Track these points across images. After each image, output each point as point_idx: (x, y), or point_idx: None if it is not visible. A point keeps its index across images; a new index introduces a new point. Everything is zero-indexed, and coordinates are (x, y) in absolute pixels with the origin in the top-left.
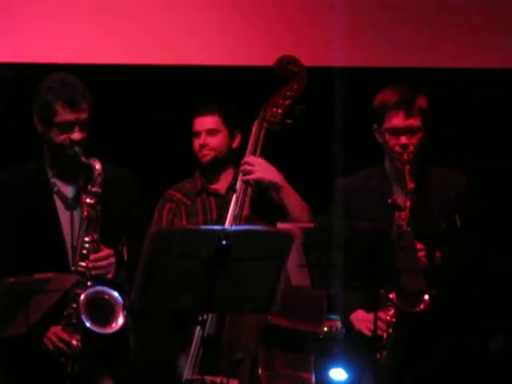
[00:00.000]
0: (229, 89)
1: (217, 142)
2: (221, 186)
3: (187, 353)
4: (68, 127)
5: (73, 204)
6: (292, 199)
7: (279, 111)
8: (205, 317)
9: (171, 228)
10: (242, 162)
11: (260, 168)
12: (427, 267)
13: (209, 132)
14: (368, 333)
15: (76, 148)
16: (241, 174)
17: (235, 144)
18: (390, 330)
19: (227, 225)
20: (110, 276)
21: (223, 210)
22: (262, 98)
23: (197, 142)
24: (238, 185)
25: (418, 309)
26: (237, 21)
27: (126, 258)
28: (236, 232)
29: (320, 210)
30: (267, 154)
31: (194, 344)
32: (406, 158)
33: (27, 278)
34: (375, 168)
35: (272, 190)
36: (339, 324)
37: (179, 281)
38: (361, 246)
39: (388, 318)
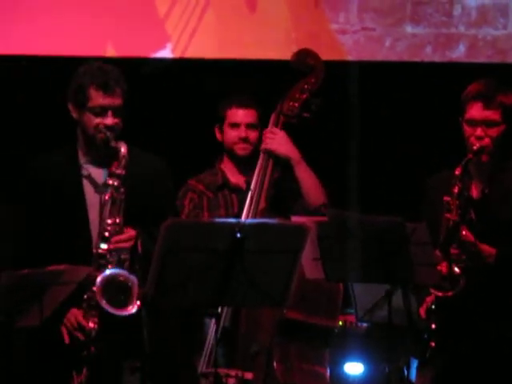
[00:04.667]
0: (246, 82)
1: (256, 136)
2: (244, 180)
3: (203, 346)
4: (101, 111)
5: (103, 188)
6: (307, 177)
7: (296, 105)
8: (219, 310)
9: (186, 220)
10: (265, 131)
11: (279, 140)
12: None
13: (249, 126)
14: (423, 314)
15: (108, 133)
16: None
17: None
18: (433, 324)
19: (245, 216)
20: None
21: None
22: (279, 91)
23: (235, 134)
24: (261, 156)
25: (450, 293)
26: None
27: (140, 250)
28: (251, 225)
29: (335, 202)
30: None
31: (209, 337)
32: (474, 148)
33: (41, 270)
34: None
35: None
36: (355, 318)
37: (193, 273)
38: (375, 239)
39: (429, 304)
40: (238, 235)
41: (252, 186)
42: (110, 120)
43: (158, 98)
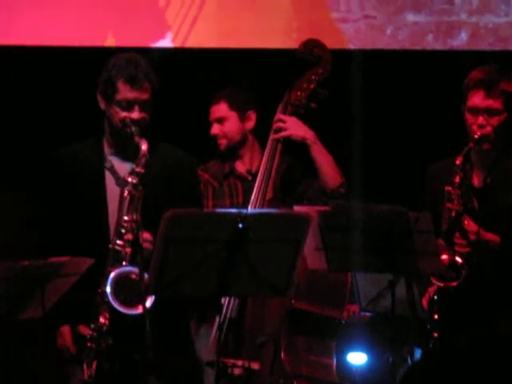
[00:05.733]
0: (253, 72)
1: (226, 129)
2: (248, 170)
3: (205, 334)
4: (128, 105)
5: (124, 182)
6: (324, 158)
7: (304, 95)
8: (223, 300)
9: (187, 210)
10: (274, 119)
11: (291, 125)
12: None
13: (217, 121)
14: (425, 305)
15: (133, 127)
16: (272, 132)
17: (250, 124)
18: (436, 315)
19: (253, 205)
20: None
21: (250, 194)
22: (285, 81)
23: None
24: (269, 143)
25: (454, 284)
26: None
27: (141, 242)
28: (252, 215)
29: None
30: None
31: (215, 327)
32: (476, 137)
33: (42, 261)
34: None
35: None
36: (358, 308)
37: (195, 264)
38: (378, 229)
39: (430, 294)
40: (240, 225)
41: (260, 173)
42: (136, 114)
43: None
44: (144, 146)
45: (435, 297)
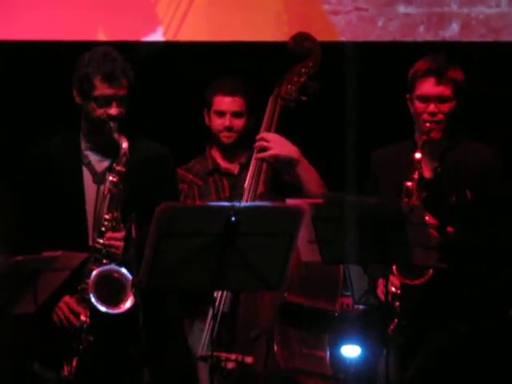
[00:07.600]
0: (242, 64)
1: (241, 124)
2: (234, 165)
3: (198, 329)
4: (106, 102)
5: (101, 178)
6: (308, 174)
7: (294, 88)
8: (215, 294)
9: (179, 204)
10: (258, 138)
11: (276, 144)
12: (439, 242)
13: (235, 114)
14: (382, 296)
15: (111, 123)
16: (255, 150)
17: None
18: (397, 302)
19: (244, 201)
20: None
21: (236, 189)
22: (276, 74)
23: (220, 123)
24: (253, 162)
25: (418, 281)
26: None
27: (134, 235)
28: (245, 208)
29: (332, 185)
30: (282, 131)
31: (208, 321)
32: (427, 127)
33: (35, 256)
34: (407, 141)
35: (286, 168)
36: (352, 301)
37: (187, 258)
38: (371, 221)
39: (393, 289)
40: (233, 219)
41: (245, 186)
42: (114, 110)
43: (150, 82)
44: (125, 145)
45: (398, 291)
